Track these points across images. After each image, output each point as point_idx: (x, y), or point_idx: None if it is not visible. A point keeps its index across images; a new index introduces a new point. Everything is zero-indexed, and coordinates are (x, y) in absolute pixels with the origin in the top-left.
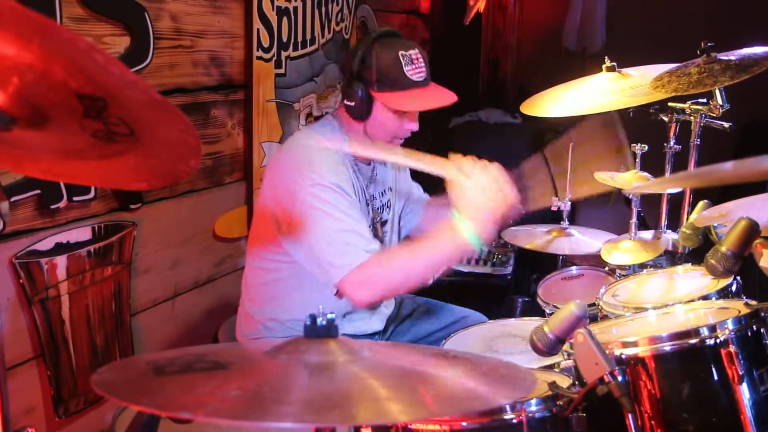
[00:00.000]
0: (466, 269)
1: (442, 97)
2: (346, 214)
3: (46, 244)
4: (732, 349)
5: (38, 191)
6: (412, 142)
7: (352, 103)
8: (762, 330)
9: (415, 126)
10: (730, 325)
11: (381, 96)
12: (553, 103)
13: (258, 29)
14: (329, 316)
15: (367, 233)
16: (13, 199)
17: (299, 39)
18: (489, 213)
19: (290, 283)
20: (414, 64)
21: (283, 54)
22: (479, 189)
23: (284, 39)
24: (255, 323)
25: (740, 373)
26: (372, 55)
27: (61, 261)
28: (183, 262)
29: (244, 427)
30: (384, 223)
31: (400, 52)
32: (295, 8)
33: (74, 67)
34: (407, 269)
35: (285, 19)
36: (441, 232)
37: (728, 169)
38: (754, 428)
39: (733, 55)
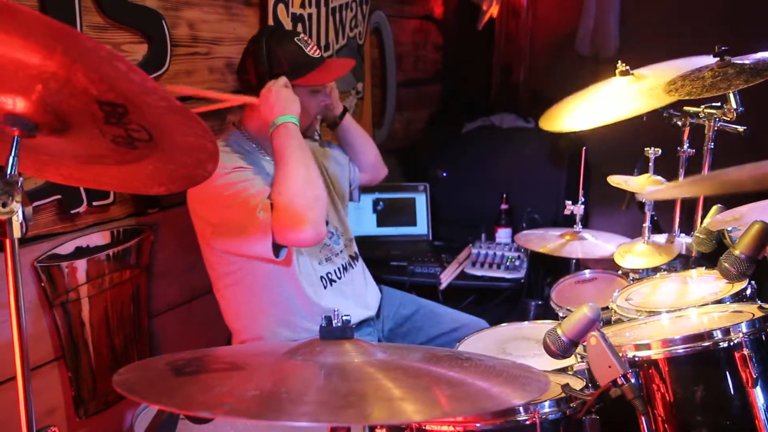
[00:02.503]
0: (479, 272)
1: (344, 64)
2: (245, 181)
3: (67, 248)
4: (746, 352)
5: (59, 196)
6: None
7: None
8: None
9: (327, 99)
10: (743, 328)
11: (297, 82)
12: (571, 115)
13: None
14: (344, 317)
15: (260, 184)
16: (34, 204)
17: None
18: (286, 97)
19: (251, 283)
20: (309, 44)
21: None
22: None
23: None
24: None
25: (754, 377)
26: (274, 50)
27: (81, 264)
28: (199, 266)
29: (260, 427)
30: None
31: (295, 39)
32: (310, 15)
33: (96, 75)
34: (295, 176)
35: (300, 26)
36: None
37: (743, 172)
38: None
39: (747, 59)
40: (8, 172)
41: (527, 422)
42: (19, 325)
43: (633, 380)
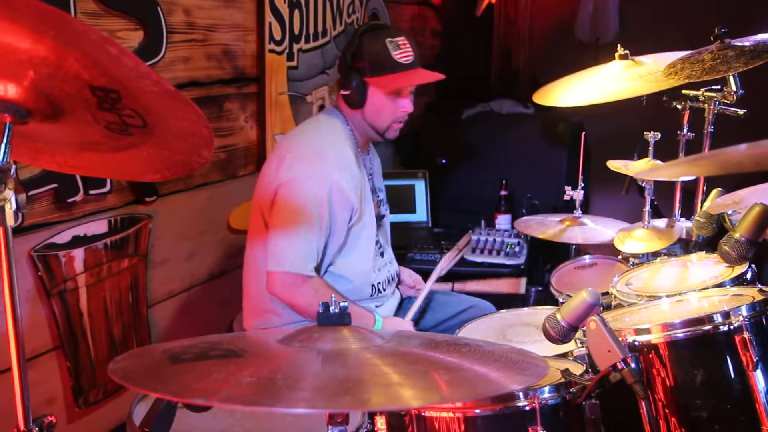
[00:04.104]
0: (479, 259)
1: (428, 76)
2: (319, 225)
3: (64, 237)
4: (746, 335)
5: (55, 185)
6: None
7: (348, 92)
8: None
9: (409, 106)
10: (744, 312)
11: (373, 81)
12: (566, 92)
13: (270, 22)
14: (342, 303)
15: (317, 253)
16: (30, 193)
17: (311, 31)
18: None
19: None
20: (401, 48)
21: (295, 47)
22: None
23: (296, 32)
24: (260, 312)
25: (754, 360)
26: (362, 45)
27: (78, 254)
28: (198, 254)
29: (258, 415)
30: (382, 217)
31: (387, 39)
32: (307, 1)
33: (87, 60)
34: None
35: (297, 12)
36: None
37: (742, 151)
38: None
39: (747, 41)
40: (1, 159)
41: (527, 407)
42: (14, 314)
43: (633, 365)
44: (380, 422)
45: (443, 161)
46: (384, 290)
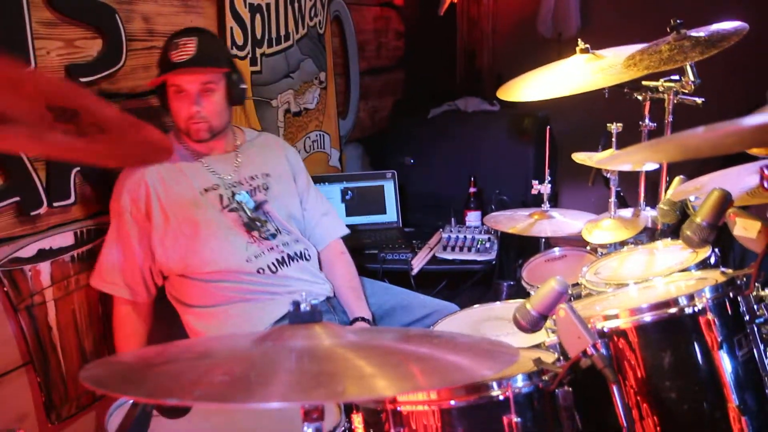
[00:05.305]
0: (450, 256)
1: (197, 71)
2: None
3: (29, 251)
4: (710, 316)
5: (17, 198)
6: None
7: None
8: (739, 297)
9: (192, 108)
10: (707, 294)
11: (157, 81)
12: (529, 87)
13: (231, 27)
14: (313, 302)
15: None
16: None
17: (273, 36)
18: None
19: None
20: (179, 48)
21: (258, 51)
22: None
23: (258, 36)
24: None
25: (719, 340)
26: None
27: (44, 267)
28: None
29: (233, 420)
30: (263, 203)
31: (172, 41)
32: (268, 5)
33: (54, 97)
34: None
35: (258, 16)
36: None
37: (699, 134)
38: (734, 393)
39: (702, 31)
40: None
41: (500, 397)
42: None
43: (602, 350)
44: (357, 420)
45: (411, 161)
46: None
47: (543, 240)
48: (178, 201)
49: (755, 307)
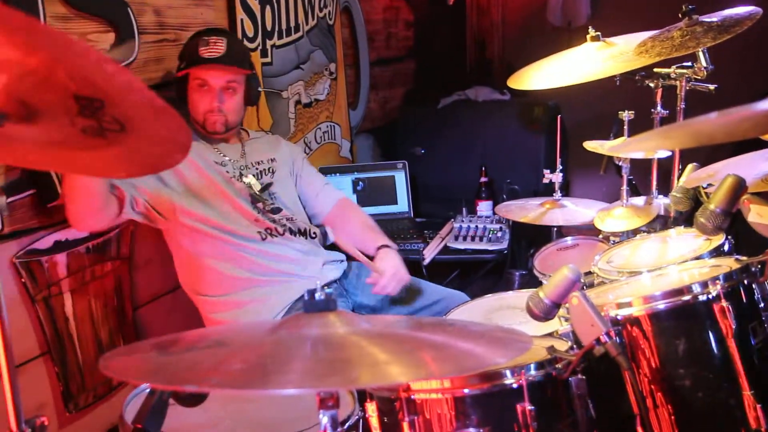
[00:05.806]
0: (462, 246)
1: (225, 69)
2: None
3: (46, 243)
4: (724, 303)
5: (33, 190)
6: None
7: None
8: (753, 284)
9: (214, 102)
10: (721, 281)
11: (182, 74)
12: (540, 76)
13: (242, 19)
14: (327, 290)
15: None
16: (9, 199)
17: (283, 27)
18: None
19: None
20: (209, 45)
21: (269, 43)
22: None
23: (268, 28)
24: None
25: (733, 327)
26: (185, 45)
27: (61, 259)
28: None
29: (249, 407)
30: (269, 185)
31: (201, 38)
32: None
33: (78, 74)
34: None
35: (268, 8)
36: None
37: (712, 120)
38: (748, 381)
39: (714, 17)
40: None
41: (514, 385)
42: (1, 320)
43: (616, 337)
44: (371, 409)
45: (422, 151)
46: None
47: (555, 229)
48: (192, 165)
49: None
